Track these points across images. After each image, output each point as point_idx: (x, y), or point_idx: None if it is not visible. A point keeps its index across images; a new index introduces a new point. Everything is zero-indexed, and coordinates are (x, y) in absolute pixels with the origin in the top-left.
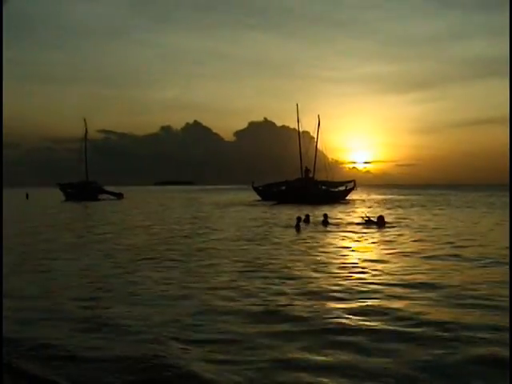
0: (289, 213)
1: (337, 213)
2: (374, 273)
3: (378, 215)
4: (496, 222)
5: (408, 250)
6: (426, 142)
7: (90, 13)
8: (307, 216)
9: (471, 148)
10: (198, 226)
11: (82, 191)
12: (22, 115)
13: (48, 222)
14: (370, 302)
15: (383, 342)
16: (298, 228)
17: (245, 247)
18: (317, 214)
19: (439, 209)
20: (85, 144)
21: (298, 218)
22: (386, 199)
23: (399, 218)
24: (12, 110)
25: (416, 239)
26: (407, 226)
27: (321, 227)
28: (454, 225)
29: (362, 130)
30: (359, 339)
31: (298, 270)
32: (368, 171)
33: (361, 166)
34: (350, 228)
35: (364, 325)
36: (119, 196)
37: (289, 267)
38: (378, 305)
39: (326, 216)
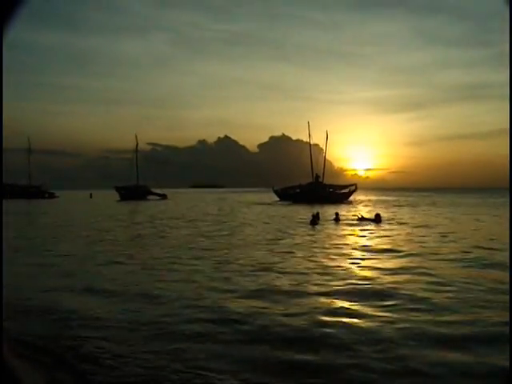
0: (303, 211)
1: (340, 211)
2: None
3: (375, 213)
4: (470, 217)
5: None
6: (416, 153)
7: (138, 46)
8: (317, 213)
9: (452, 158)
10: (239, 218)
11: (134, 192)
12: (84, 131)
13: (112, 214)
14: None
15: None
16: (313, 223)
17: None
18: (325, 211)
19: (425, 207)
20: (136, 154)
21: (313, 215)
22: (381, 200)
23: (392, 215)
24: (76, 126)
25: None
26: (398, 221)
27: (331, 222)
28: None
29: (363, 143)
30: None
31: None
32: (367, 177)
33: (361, 173)
34: (353, 223)
35: None
36: (163, 196)
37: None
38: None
39: (337, 214)
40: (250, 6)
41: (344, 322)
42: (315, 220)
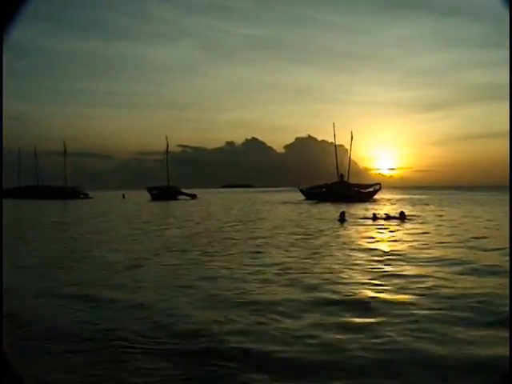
0: (329, 209)
1: (366, 209)
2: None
3: (399, 211)
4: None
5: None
6: (439, 152)
7: (168, 52)
8: (343, 212)
9: (473, 156)
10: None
11: (165, 193)
12: (117, 134)
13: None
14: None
15: None
16: (341, 221)
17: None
18: (353, 210)
19: (446, 205)
20: (166, 156)
21: (341, 213)
22: (405, 198)
23: (416, 213)
24: (109, 129)
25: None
26: (423, 218)
27: (354, 220)
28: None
29: (387, 143)
30: None
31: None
32: (391, 176)
33: (385, 172)
34: (380, 221)
35: None
36: (193, 196)
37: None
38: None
39: (374, 215)
40: (275, 10)
41: None
42: (343, 218)
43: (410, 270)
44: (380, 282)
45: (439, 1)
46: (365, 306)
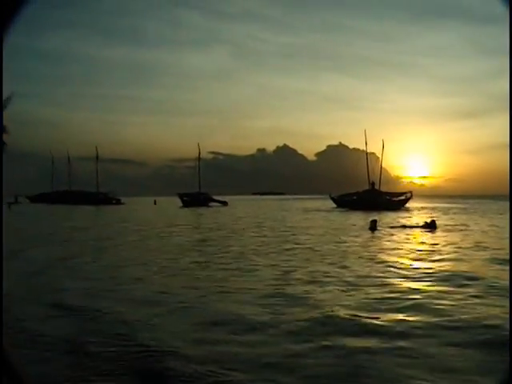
0: (360, 217)
1: (397, 218)
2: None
3: (430, 220)
4: None
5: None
6: (471, 160)
7: (201, 59)
8: (374, 221)
9: (505, 166)
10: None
11: (196, 199)
12: (149, 140)
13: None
14: None
15: None
16: (372, 229)
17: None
18: (382, 218)
19: (476, 215)
20: (198, 163)
21: (373, 221)
22: (436, 207)
23: (448, 222)
24: (141, 136)
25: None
26: (454, 228)
27: (388, 228)
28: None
29: (419, 151)
30: None
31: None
32: (423, 185)
33: (417, 181)
34: (411, 230)
35: None
36: (224, 203)
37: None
38: None
39: (404, 225)
40: (309, 18)
41: None
42: (374, 226)
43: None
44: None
45: (473, 9)
46: None
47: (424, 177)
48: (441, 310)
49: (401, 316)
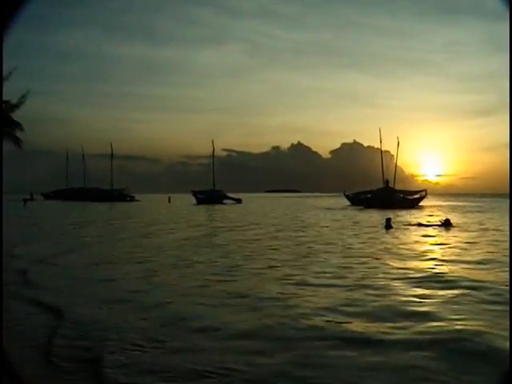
0: (375, 215)
1: (413, 216)
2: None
3: (445, 218)
4: None
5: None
6: (487, 158)
7: (214, 56)
8: (389, 219)
9: None
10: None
11: (210, 197)
12: (163, 138)
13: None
14: None
15: None
16: (387, 227)
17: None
18: (397, 217)
19: (492, 214)
20: (212, 160)
21: (387, 220)
22: (451, 205)
23: (463, 220)
24: (155, 133)
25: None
26: (469, 226)
27: (401, 227)
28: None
29: (434, 149)
30: None
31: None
32: (438, 183)
33: (432, 179)
34: (426, 229)
35: None
36: (238, 201)
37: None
38: None
39: (419, 223)
40: (321, 15)
41: None
42: (389, 224)
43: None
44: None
45: (489, 5)
46: None
47: (439, 175)
48: None
49: None
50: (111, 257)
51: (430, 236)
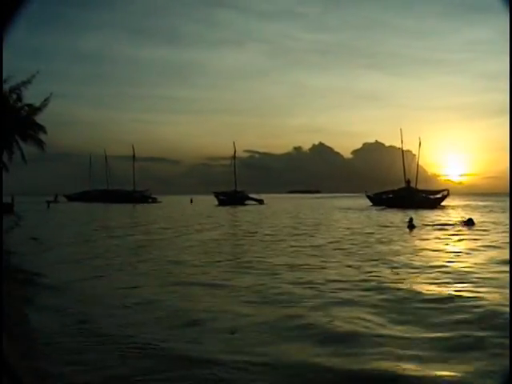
0: (397, 215)
1: (435, 216)
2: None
3: (468, 218)
4: None
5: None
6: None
7: (236, 58)
8: (411, 219)
9: None
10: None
11: (232, 198)
12: (185, 139)
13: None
14: None
15: None
16: (410, 227)
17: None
18: (419, 217)
19: None
20: (234, 161)
21: (410, 219)
22: (473, 205)
23: (485, 220)
24: (177, 135)
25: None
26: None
27: (424, 227)
28: None
29: (456, 149)
30: None
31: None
32: (460, 182)
33: (454, 179)
34: (449, 228)
35: None
36: (260, 202)
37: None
38: None
39: (441, 223)
40: (343, 16)
41: None
42: (412, 224)
43: None
44: None
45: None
46: None
47: (462, 174)
48: None
49: None
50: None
51: (454, 235)
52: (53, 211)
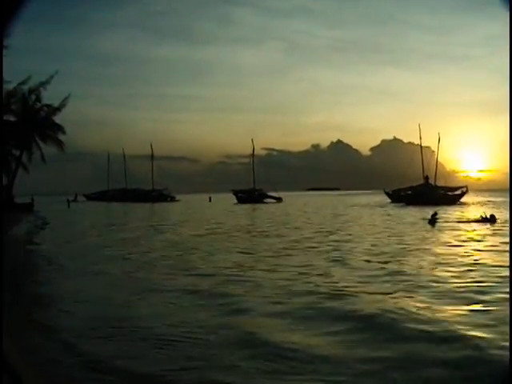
0: (416, 211)
1: (453, 212)
2: None
3: (490, 214)
4: None
5: None
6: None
7: (253, 56)
8: (434, 214)
9: None
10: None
11: (251, 196)
12: (203, 137)
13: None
14: None
15: None
16: (432, 223)
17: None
18: (440, 213)
19: None
20: (252, 159)
21: (433, 215)
22: (494, 201)
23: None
24: (195, 133)
25: None
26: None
27: (446, 223)
28: None
29: (476, 145)
30: None
31: None
32: (479, 179)
33: (474, 175)
34: (470, 224)
35: None
36: (279, 200)
37: None
38: None
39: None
40: (360, 12)
41: None
42: (434, 219)
43: None
44: None
45: None
46: None
47: (481, 170)
48: None
49: None
50: None
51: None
52: (73, 211)
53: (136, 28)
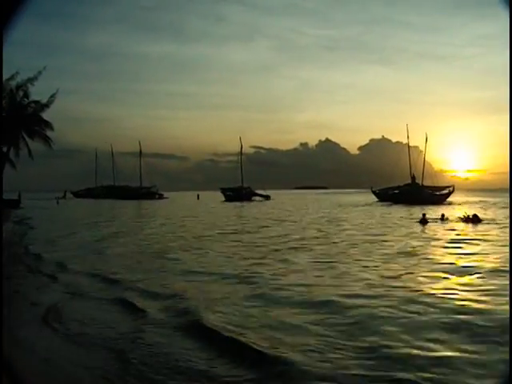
0: (404, 210)
1: (442, 211)
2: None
3: (473, 214)
4: None
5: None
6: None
7: (243, 53)
8: (424, 214)
9: None
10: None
11: (239, 194)
12: (191, 135)
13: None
14: None
15: None
16: (423, 222)
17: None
18: (428, 212)
19: None
20: (240, 157)
21: (423, 215)
22: (479, 201)
23: (492, 216)
24: (183, 131)
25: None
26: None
27: (439, 222)
28: None
29: (463, 145)
30: None
31: None
32: (467, 178)
33: (461, 174)
34: (454, 223)
35: None
36: (267, 197)
37: None
38: None
39: (443, 215)
40: (350, 11)
41: None
42: (425, 220)
43: None
44: None
45: None
46: None
47: (469, 170)
48: None
49: None
50: None
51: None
52: (64, 207)
53: (126, 24)
